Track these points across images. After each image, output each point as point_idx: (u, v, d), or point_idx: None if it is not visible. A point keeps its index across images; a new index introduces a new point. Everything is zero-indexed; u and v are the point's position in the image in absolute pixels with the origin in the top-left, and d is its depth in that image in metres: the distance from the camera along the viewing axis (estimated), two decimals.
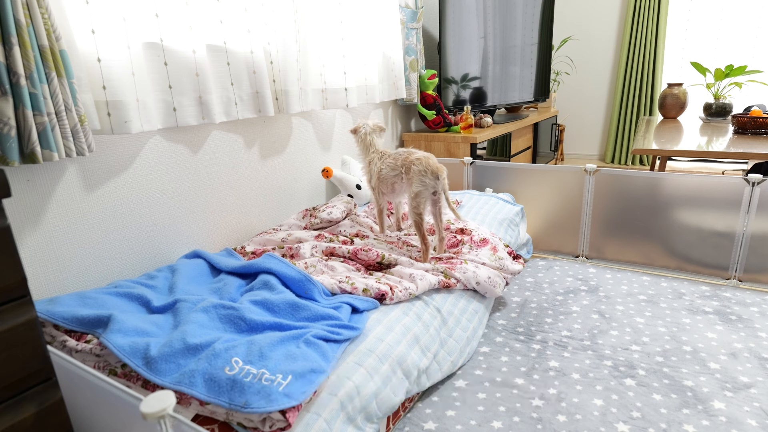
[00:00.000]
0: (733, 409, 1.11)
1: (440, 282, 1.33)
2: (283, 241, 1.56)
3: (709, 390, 1.18)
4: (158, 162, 1.38)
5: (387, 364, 1.02)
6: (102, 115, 1.15)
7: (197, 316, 1.00)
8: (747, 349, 1.35)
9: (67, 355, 0.88)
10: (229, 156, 1.61)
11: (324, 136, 2.07)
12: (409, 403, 1.15)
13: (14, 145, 0.95)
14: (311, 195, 2.03)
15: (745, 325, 1.47)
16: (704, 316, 1.54)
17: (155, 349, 0.90)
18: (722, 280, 1.77)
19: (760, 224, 1.66)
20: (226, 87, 1.47)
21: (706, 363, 1.29)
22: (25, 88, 0.94)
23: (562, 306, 1.63)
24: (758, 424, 1.07)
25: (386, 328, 1.10)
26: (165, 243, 1.43)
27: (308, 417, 0.84)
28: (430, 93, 2.49)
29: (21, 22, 0.92)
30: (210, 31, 1.41)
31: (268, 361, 0.87)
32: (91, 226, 1.23)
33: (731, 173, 3.17)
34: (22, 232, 1.10)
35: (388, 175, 1.54)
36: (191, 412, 0.83)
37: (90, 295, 1.08)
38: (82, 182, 1.20)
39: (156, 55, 1.27)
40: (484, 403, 1.16)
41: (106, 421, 0.69)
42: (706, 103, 2.85)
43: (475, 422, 1.10)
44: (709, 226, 1.75)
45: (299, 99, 1.71)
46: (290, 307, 1.09)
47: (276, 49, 1.62)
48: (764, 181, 1.63)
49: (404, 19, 2.36)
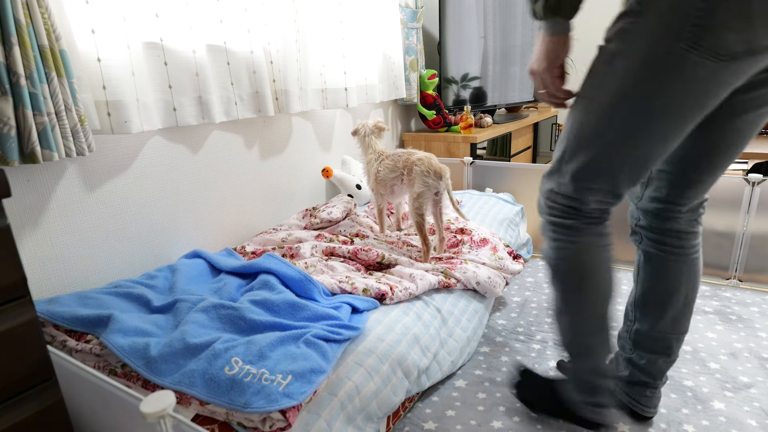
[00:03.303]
0: (733, 409, 1.11)
1: (440, 282, 1.33)
2: (283, 241, 1.56)
3: (709, 390, 1.18)
4: (158, 162, 1.38)
5: (387, 364, 1.02)
6: (102, 115, 1.15)
7: (197, 316, 1.00)
8: (747, 349, 1.35)
9: (67, 355, 0.88)
10: (229, 156, 1.61)
11: (324, 136, 2.07)
12: (409, 403, 1.15)
13: (14, 145, 0.95)
14: (311, 195, 2.03)
15: (745, 325, 1.47)
16: (704, 315, 1.54)
17: (155, 349, 0.90)
18: (722, 280, 1.77)
19: (760, 224, 1.66)
20: (226, 87, 1.47)
21: (706, 363, 1.29)
22: (25, 88, 0.94)
23: None
24: (758, 424, 1.07)
25: (386, 328, 1.10)
26: (165, 243, 1.43)
27: (308, 417, 0.84)
28: (430, 93, 2.49)
29: (21, 22, 0.92)
30: (210, 31, 1.41)
31: (268, 361, 0.87)
32: (91, 226, 1.23)
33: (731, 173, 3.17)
34: (22, 232, 1.10)
35: (387, 176, 1.54)
36: (191, 412, 0.83)
37: (90, 295, 1.08)
38: (82, 182, 1.20)
39: (156, 55, 1.27)
40: (484, 403, 1.16)
41: (106, 421, 0.69)
42: None
43: (475, 422, 1.10)
44: (709, 226, 1.74)
45: (299, 99, 1.71)
46: (290, 307, 1.09)
47: (276, 48, 1.62)
48: (764, 181, 1.63)
49: (404, 18, 2.36)
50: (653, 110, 0.75)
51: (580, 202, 0.86)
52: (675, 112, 0.74)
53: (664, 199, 0.96)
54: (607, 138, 0.80)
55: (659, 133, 0.77)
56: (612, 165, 0.81)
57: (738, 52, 0.68)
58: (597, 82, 0.80)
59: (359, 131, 1.64)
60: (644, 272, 1.02)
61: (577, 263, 0.90)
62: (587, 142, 0.82)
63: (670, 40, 0.69)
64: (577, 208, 0.87)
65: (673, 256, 0.98)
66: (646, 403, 1.06)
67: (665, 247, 0.98)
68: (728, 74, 0.70)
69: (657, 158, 0.81)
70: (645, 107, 0.75)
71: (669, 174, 0.94)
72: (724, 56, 0.68)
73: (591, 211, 0.87)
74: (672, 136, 0.78)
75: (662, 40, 0.70)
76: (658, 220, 0.98)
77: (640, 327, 1.03)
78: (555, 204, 0.89)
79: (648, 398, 1.06)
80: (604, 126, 0.79)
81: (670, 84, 0.72)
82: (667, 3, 0.69)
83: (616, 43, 0.76)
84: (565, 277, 0.92)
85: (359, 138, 1.65)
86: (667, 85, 0.72)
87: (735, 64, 0.69)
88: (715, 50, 0.67)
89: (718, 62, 0.68)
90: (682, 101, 0.73)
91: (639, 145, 0.78)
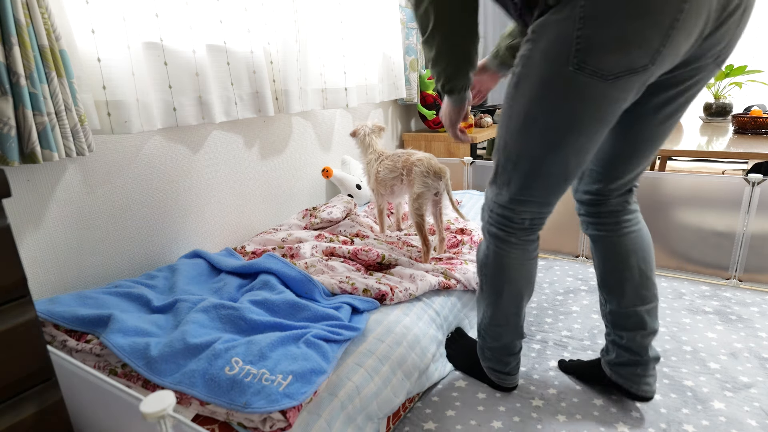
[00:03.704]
0: (733, 409, 1.11)
1: (440, 283, 1.33)
2: (283, 241, 1.56)
3: (709, 390, 1.18)
4: (158, 162, 1.38)
5: (387, 365, 1.02)
6: (102, 115, 1.15)
7: (197, 316, 1.00)
8: (747, 349, 1.35)
9: (67, 355, 0.87)
10: (229, 156, 1.61)
11: (324, 136, 2.07)
12: (409, 403, 1.15)
13: (14, 145, 0.95)
14: (311, 195, 2.03)
15: (745, 325, 1.47)
16: (704, 316, 1.54)
17: (155, 349, 0.90)
18: (722, 280, 1.77)
19: (760, 224, 1.66)
20: (226, 87, 1.47)
21: (706, 363, 1.29)
22: (25, 88, 0.94)
23: (562, 306, 1.63)
24: (758, 424, 1.07)
25: (386, 328, 1.10)
26: (165, 243, 1.43)
27: (309, 417, 0.84)
28: (430, 93, 2.49)
29: (21, 22, 0.92)
30: (210, 31, 1.40)
31: (269, 361, 0.87)
32: (91, 226, 1.23)
33: (731, 173, 3.17)
34: (22, 232, 1.10)
35: (387, 177, 1.54)
36: (191, 412, 0.83)
37: (90, 295, 1.08)
38: (82, 182, 1.20)
39: (156, 55, 1.27)
40: (484, 403, 1.16)
41: (106, 421, 0.69)
42: (706, 102, 2.85)
43: (475, 422, 1.10)
44: (709, 226, 1.75)
45: (299, 99, 1.71)
46: (290, 307, 1.09)
47: (276, 48, 1.62)
48: (764, 181, 1.63)
49: (404, 18, 2.36)
50: (560, 126, 0.83)
51: (513, 212, 0.96)
52: (579, 126, 0.82)
53: (595, 192, 1.06)
54: (528, 153, 0.88)
55: (572, 146, 0.84)
56: (538, 177, 0.90)
57: (619, 72, 0.75)
58: (510, 103, 0.88)
59: (358, 132, 1.64)
60: (596, 256, 1.11)
61: (502, 270, 1.02)
62: (515, 158, 0.91)
63: (561, 64, 0.77)
64: (510, 218, 0.97)
65: (614, 234, 1.06)
66: (639, 381, 1.09)
67: (604, 227, 1.07)
68: (616, 91, 0.78)
69: (577, 167, 0.89)
70: (552, 124, 0.83)
71: (597, 172, 1.03)
72: (608, 76, 0.76)
73: (522, 221, 0.97)
74: (585, 147, 0.85)
75: (554, 64, 0.78)
76: (593, 207, 1.08)
77: (611, 307, 1.10)
78: (492, 213, 1.00)
79: (640, 377, 1.09)
80: (523, 143, 0.88)
81: (567, 102, 0.80)
82: (555, 32, 0.77)
83: (520, 68, 0.85)
84: (489, 278, 1.05)
85: (359, 139, 1.65)
86: (565, 103, 0.80)
87: (620, 81, 0.76)
88: (599, 71, 0.75)
89: (604, 81, 0.76)
90: (582, 116, 0.81)
91: (557, 158, 0.86)
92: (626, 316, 1.07)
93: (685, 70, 0.84)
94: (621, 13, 0.71)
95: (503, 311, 1.06)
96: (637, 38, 0.72)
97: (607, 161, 1.00)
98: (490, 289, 1.06)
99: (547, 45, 0.78)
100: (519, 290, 1.03)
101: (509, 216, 0.97)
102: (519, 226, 0.97)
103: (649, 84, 0.82)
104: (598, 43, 0.74)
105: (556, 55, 0.77)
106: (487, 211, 1.01)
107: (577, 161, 0.87)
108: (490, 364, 1.17)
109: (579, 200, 1.11)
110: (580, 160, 0.88)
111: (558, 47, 0.77)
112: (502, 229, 0.99)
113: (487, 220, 1.02)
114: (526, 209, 0.95)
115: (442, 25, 0.88)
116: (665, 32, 0.72)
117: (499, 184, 0.96)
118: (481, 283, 1.09)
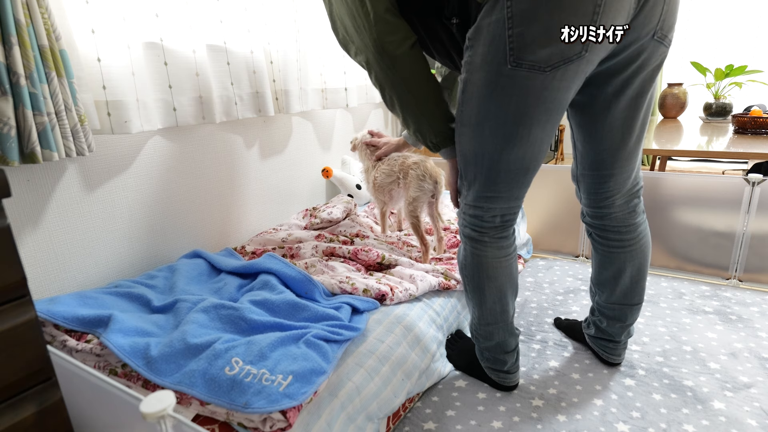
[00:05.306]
0: (733, 409, 1.11)
1: (440, 284, 1.33)
2: (283, 241, 1.56)
3: (709, 390, 1.18)
4: (158, 162, 1.38)
5: (387, 366, 1.02)
6: (102, 115, 1.15)
7: (197, 316, 1.00)
8: (747, 349, 1.35)
9: (68, 355, 0.87)
10: (229, 156, 1.61)
11: (324, 136, 2.07)
12: (409, 403, 1.15)
13: (14, 145, 0.95)
14: (311, 195, 2.03)
15: (745, 325, 1.47)
16: (704, 316, 1.54)
17: (156, 349, 0.90)
18: (722, 280, 1.77)
19: (760, 224, 1.66)
20: (226, 87, 1.47)
21: (706, 363, 1.29)
22: (25, 88, 0.94)
23: (562, 306, 1.63)
24: (758, 424, 1.07)
25: (386, 329, 1.10)
26: (165, 243, 1.43)
27: (309, 417, 0.84)
28: None
29: (21, 22, 0.92)
30: (210, 31, 1.40)
31: (269, 361, 0.87)
32: (91, 226, 1.23)
33: (731, 173, 3.17)
34: (22, 232, 1.10)
35: (384, 182, 1.54)
36: (191, 412, 0.83)
37: (90, 295, 1.08)
38: (82, 182, 1.20)
39: (156, 55, 1.27)
40: (484, 403, 1.16)
41: (106, 421, 0.69)
42: (706, 102, 2.85)
43: (475, 422, 1.10)
44: (709, 226, 1.74)
45: (299, 99, 1.71)
46: (291, 307, 1.09)
47: (276, 48, 1.62)
48: (764, 181, 1.63)
49: None
50: (510, 120, 0.86)
51: (482, 210, 0.99)
52: (529, 118, 0.86)
53: (594, 198, 1.10)
54: (486, 150, 0.92)
55: (526, 138, 0.88)
56: (500, 173, 0.93)
57: (555, 62, 0.79)
58: (461, 108, 0.92)
59: (355, 145, 1.67)
60: (594, 259, 1.20)
61: (480, 270, 1.05)
62: (474, 157, 0.94)
63: (499, 63, 0.82)
64: (481, 217, 1.00)
65: (615, 250, 1.13)
66: (610, 352, 1.26)
67: (608, 242, 1.13)
68: (556, 80, 0.81)
69: (535, 159, 0.93)
70: (502, 119, 0.87)
71: (589, 177, 1.08)
72: (545, 67, 0.80)
73: (492, 219, 1.00)
74: (539, 137, 0.89)
75: (493, 64, 0.83)
76: (597, 219, 1.13)
77: (599, 299, 1.22)
78: (465, 215, 1.03)
79: (612, 349, 1.26)
80: (480, 142, 0.92)
81: (513, 97, 0.84)
82: (489, 35, 0.81)
83: (465, 74, 0.89)
84: (470, 279, 1.08)
85: (358, 151, 1.68)
86: (511, 98, 0.84)
87: (558, 71, 0.80)
88: (536, 64, 0.80)
89: (543, 72, 0.80)
90: (528, 108, 0.84)
91: (514, 151, 0.90)
92: (611, 309, 1.20)
93: (626, 53, 0.86)
94: (546, 6, 0.75)
95: (489, 310, 1.08)
96: (563, 32, 0.76)
97: (595, 160, 1.04)
98: (474, 290, 1.08)
99: (484, 48, 0.83)
100: (501, 288, 1.06)
101: (480, 215, 1.00)
102: (490, 224, 1.01)
103: (597, 72, 0.87)
104: (529, 39, 0.78)
105: (494, 55, 0.82)
106: (461, 214, 1.05)
107: (533, 152, 0.91)
108: (489, 363, 1.18)
109: (583, 211, 1.17)
110: (537, 151, 0.91)
111: (495, 48, 0.81)
112: (475, 230, 1.02)
113: (461, 223, 1.06)
114: (495, 206, 0.98)
115: (409, 107, 0.97)
116: (590, 19, 0.76)
117: (466, 185, 1.00)
118: (464, 284, 1.11)
